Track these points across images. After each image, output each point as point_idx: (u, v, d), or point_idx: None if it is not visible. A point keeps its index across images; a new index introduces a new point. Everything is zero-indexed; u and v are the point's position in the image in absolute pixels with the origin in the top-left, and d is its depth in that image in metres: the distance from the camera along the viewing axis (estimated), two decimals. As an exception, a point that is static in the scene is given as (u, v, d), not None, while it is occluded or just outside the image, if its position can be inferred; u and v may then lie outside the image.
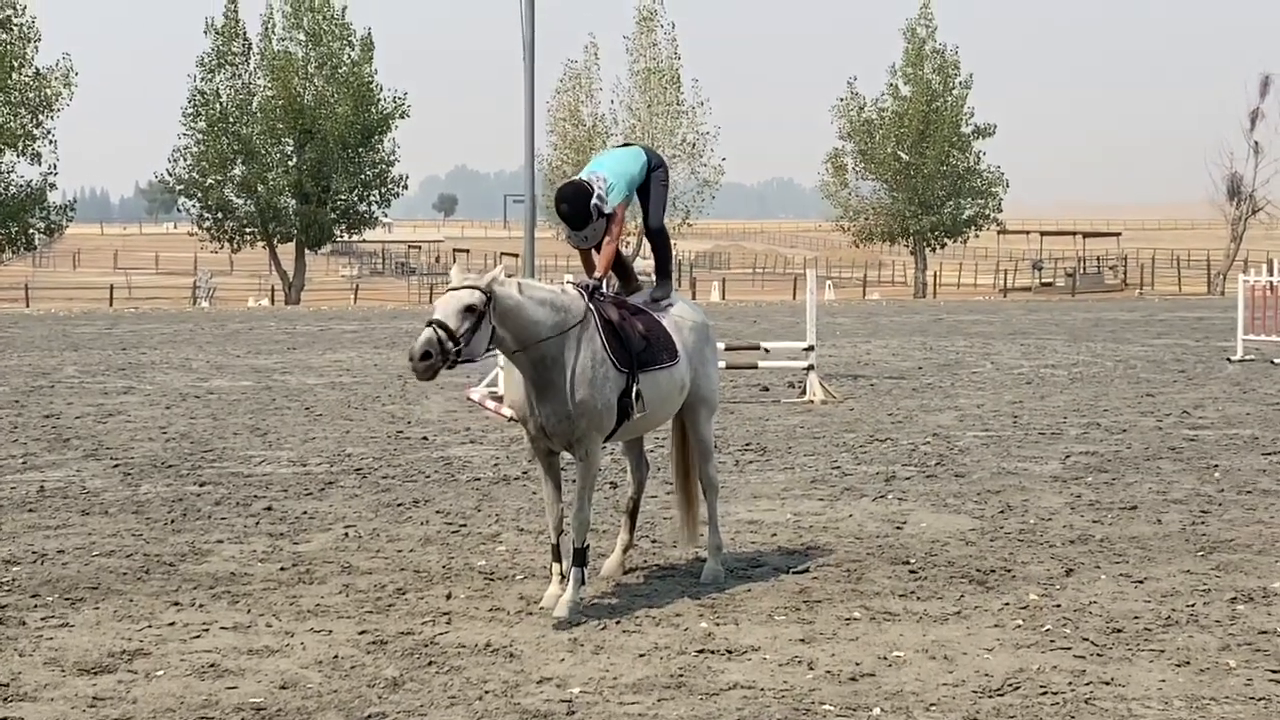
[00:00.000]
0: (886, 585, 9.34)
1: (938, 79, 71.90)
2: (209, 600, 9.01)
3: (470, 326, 8.17)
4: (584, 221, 9.18)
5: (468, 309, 8.17)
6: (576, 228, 9.22)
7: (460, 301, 8.19)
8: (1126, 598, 9.00)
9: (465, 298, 8.21)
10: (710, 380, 9.68)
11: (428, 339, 8.06)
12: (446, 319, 8.13)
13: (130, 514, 11.90)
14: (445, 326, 8.11)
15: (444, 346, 8.08)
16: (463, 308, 8.17)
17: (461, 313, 8.16)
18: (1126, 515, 11.69)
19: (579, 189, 9.21)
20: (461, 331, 8.14)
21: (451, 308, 8.17)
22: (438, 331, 8.09)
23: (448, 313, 8.16)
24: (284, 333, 36.34)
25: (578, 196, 9.18)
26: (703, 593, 9.16)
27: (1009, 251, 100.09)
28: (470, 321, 8.17)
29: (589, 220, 9.18)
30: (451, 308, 8.17)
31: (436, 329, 8.09)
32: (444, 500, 12.52)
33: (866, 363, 26.83)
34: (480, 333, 8.23)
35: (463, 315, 8.16)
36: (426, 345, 8.04)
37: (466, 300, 8.19)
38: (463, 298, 8.20)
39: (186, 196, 64.48)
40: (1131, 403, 19.79)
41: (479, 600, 8.99)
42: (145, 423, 17.89)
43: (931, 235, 72.90)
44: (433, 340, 8.06)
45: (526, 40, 22.98)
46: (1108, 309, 49.80)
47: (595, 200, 9.18)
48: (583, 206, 9.15)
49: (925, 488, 13.06)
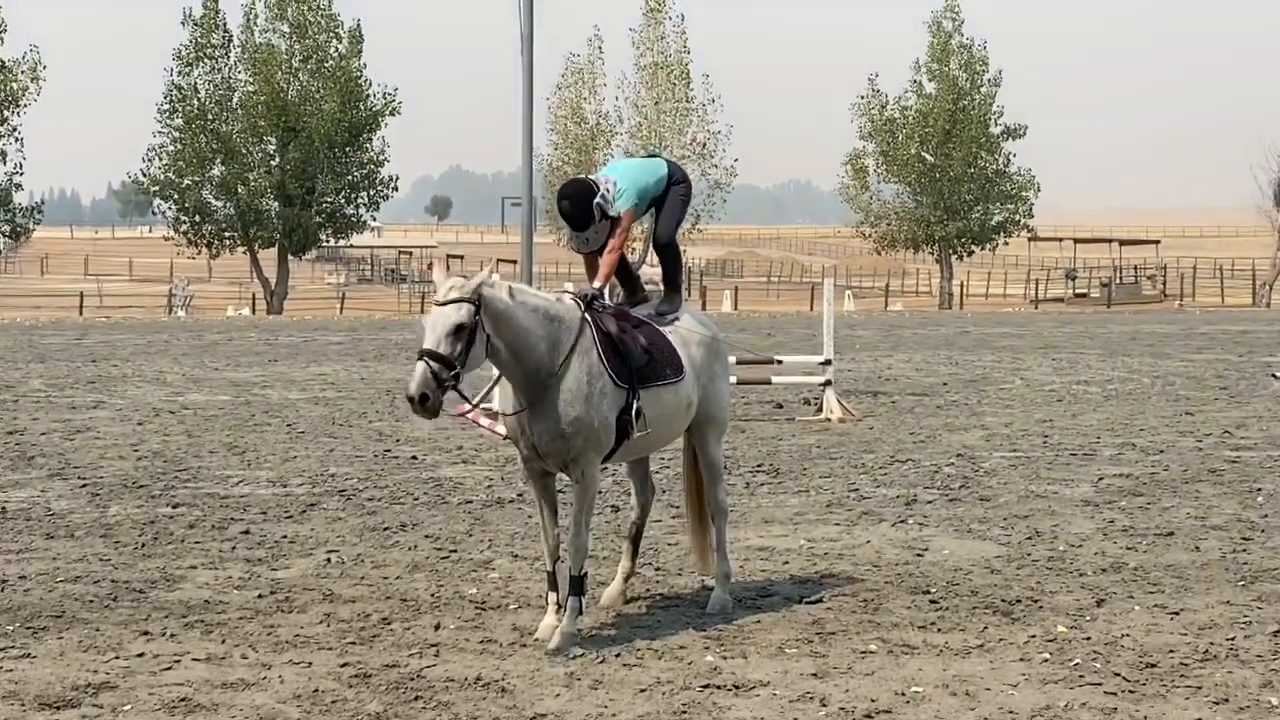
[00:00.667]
0: (905, 616, 9.34)
1: (965, 76, 71.91)
2: (181, 630, 9.01)
3: (464, 347, 8.15)
4: (586, 222, 9.20)
5: (458, 329, 8.14)
6: (578, 228, 9.24)
7: (449, 323, 8.15)
8: (1162, 630, 8.99)
9: (453, 317, 8.16)
10: (720, 398, 9.67)
11: (422, 379, 8.01)
12: (437, 346, 8.10)
13: (98, 537, 11.90)
14: (437, 355, 8.08)
15: (439, 379, 8.06)
16: (452, 329, 8.14)
17: (451, 334, 8.13)
18: (1162, 542, 11.69)
19: (583, 187, 9.26)
20: (455, 355, 8.12)
21: (440, 332, 8.13)
22: (430, 365, 8.06)
23: (437, 338, 8.12)
24: (265, 344, 36.37)
25: (580, 194, 9.21)
26: (709, 624, 9.16)
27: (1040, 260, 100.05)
28: (463, 341, 8.14)
29: (591, 221, 9.20)
30: (440, 332, 8.13)
31: (429, 362, 8.06)
32: (433, 524, 12.52)
33: (887, 378, 26.82)
34: (476, 347, 8.22)
35: (454, 337, 8.13)
36: (422, 386, 7.99)
37: (455, 320, 8.16)
38: (450, 318, 8.16)
39: (162, 198, 64.49)
40: (1170, 422, 19.78)
41: (469, 631, 8.99)
42: (115, 440, 17.91)
43: (958, 242, 72.90)
44: (427, 378, 8.02)
45: (525, 33, 23.04)
46: (1145, 321, 49.79)
47: (599, 200, 9.20)
48: (585, 205, 9.18)
49: (948, 512, 13.05)
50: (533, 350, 8.51)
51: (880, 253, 77.64)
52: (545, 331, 8.59)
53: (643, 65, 65.13)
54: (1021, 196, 73.29)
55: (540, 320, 8.59)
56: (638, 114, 65.15)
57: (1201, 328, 45.08)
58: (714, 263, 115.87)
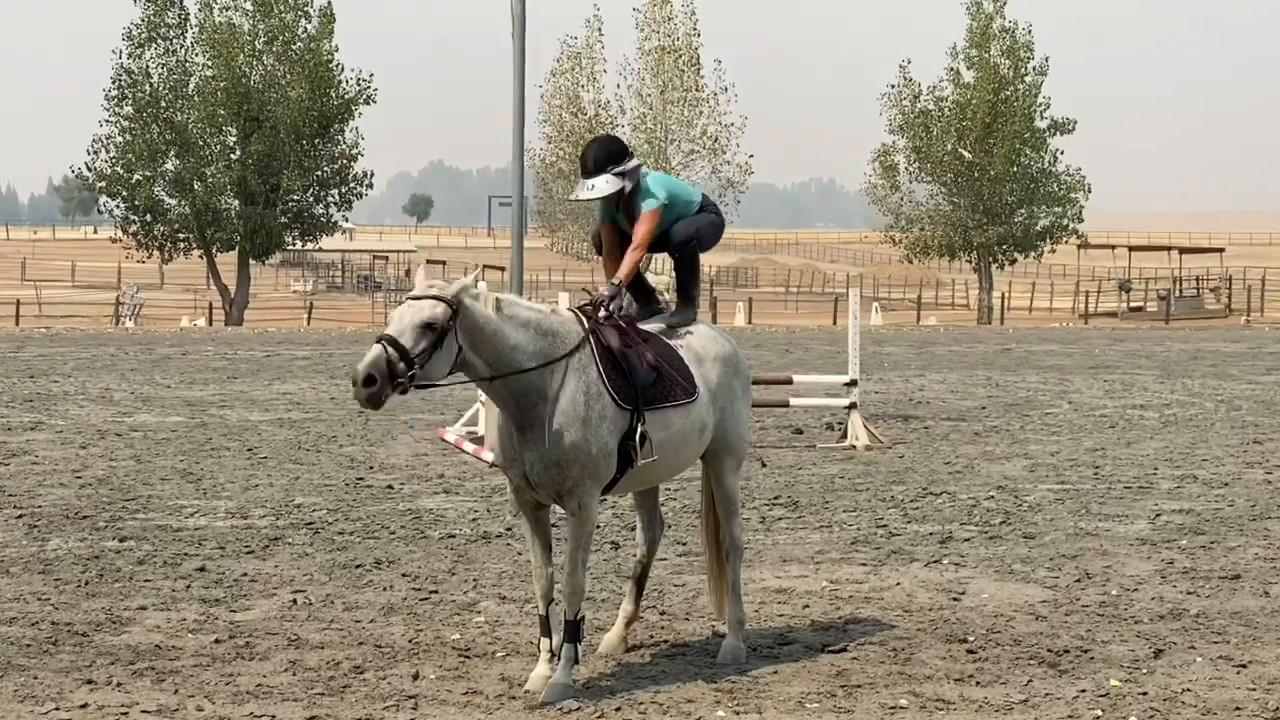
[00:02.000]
0: (940, 668, 9.34)
1: (1007, 63, 71.93)
2: (129, 678, 9.01)
3: (429, 345, 8.21)
4: (600, 168, 9.39)
5: (427, 325, 8.22)
6: (587, 172, 9.43)
7: (419, 315, 8.23)
8: (1226, 685, 8.99)
9: (425, 311, 8.24)
10: (738, 422, 9.66)
11: (374, 359, 8.09)
12: (400, 335, 8.18)
13: (36, 574, 11.90)
14: (397, 344, 8.15)
15: (393, 369, 8.11)
16: (421, 323, 8.21)
17: (419, 329, 8.21)
18: (1228, 586, 11.68)
19: (617, 140, 9.61)
20: (417, 351, 8.18)
21: (407, 322, 8.22)
22: (388, 350, 8.12)
23: (402, 328, 8.20)
24: (223, 359, 36.41)
25: (612, 143, 9.56)
26: (720, 675, 9.16)
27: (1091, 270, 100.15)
28: (429, 339, 8.21)
29: (604, 170, 9.38)
30: (407, 322, 8.22)
31: (386, 347, 8.13)
32: (412, 561, 12.52)
33: (920, 401, 26.84)
34: (441, 353, 8.26)
35: (420, 332, 8.21)
36: (371, 368, 8.07)
37: (426, 315, 8.23)
38: (422, 311, 8.24)
39: (109, 195, 64.57)
40: (1235, 451, 19.78)
41: (452, 681, 9.00)
42: (56, 465, 17.92)
43: (999, 249, 72.92)
44: (380, 362, 8.09)
45: (516, 13, 23.07)
46: (1208, 339, 49.81)
47: (625, 166, 9.37)
48: (610, 153, 9.43)
49: (988, 551, 13.05)
50: (520, 369, 8.52)
51: (912, 260, 77.69)
52: (537, 348, 8.60)
53: (647, 50, 65.28)
54: (1070, 199, 73.26)
55: (532, 335, 8.60)
56: (641, 104, 65.34)
57: (1271, 346, 45.10)
58: (726, 271, 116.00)
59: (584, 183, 9.46)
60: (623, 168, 9.41)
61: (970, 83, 72.07)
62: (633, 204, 9.54)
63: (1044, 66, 72.39)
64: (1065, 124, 72.86)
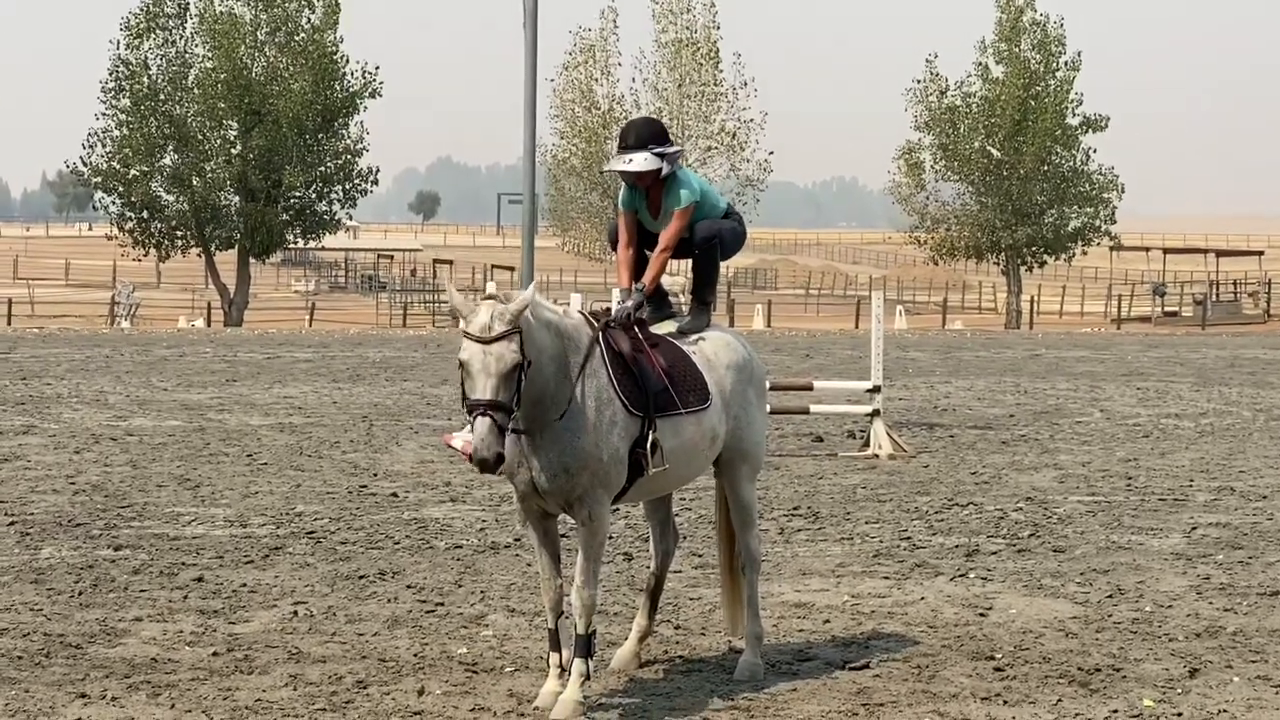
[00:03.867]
0: (966, 686, 9.34)
1: (1038, 57, 71.87)
2: (124, 692, 9.02)
3: (516, 385, 8.24)
4: (641, 144, 9.47)
5: (512, 371, 8.21)
6: (627, 147, 9.50)
7: (504, 368, 8.18)
8: (1265, 705, 8.98)
9: (508, 358, 8.20)
10: (753, 430, 9.68)
11: (490, 436, 8.08)
12: (497, 396, 8.15)
13: (28, 584, 11.92)
14: (501, 408, 8.15)
15: (503, 431, 8.14)
16: (507, 374, 8.19)
17: (508, 380, 8.20)
18: (1266, 603, 11.67)
19: (661, 123, 9.74)
20: (513, 399, 8.22)
21: (498, 380, 8.17)
22: (495, 419, 8.12)
23: (495, 388, 8.16)
24: (222, 361, 36.46)
25: (656, 123, 9.70)
26: (737, 692, 9.17)
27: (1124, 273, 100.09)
28: (515, 380, 8.23)
29: (646, 147, 9.44)
30: (498, 380, 8.17)
31: (491, 416, 8.11)
32: (417, 572, 12.53)
33: (945, 408, 26.82)
34: (523, 380, 8.31)
35: (510, 381, 8.21)
36: (494, 446, 8.08)
37: (510, 363, 8.20)
38: (505, 360, 8.20)
39: (105, 191, 64.63)
40: (1274, 463, 19.76)
41: (458, 697, 9.00)
42: (48, 470, 17.94)
43: (1028, 251, 72.86)
44: (495, 435, 8.10)
45: (528, 5, 23.09)
46: (1246, 345, 49.75)
47: (667, 150, 9.47)
48: (653, 133, 9.53)
49: (1016, 565, 13.04)
50: (541, 371, 8.52)
51: (937, 262, 77.73)
52: (556, 349, 8.62)
53: (664, 42, 65.33)
54: (1102, 199, 73.19)
55: (551, 336, 8.63)
56: (658, 98, 65.29)
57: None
58: (744, 272, 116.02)
59: (622, 156, 9.50)
60: (664, 149, 9.47)
61: (999, 78, 71.98)
62: (662, 196, 9.58)
63: (1076, 61, 72.27)
64: (1098, 121, 72.70)
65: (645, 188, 9.60)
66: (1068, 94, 71.97)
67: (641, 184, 9.58)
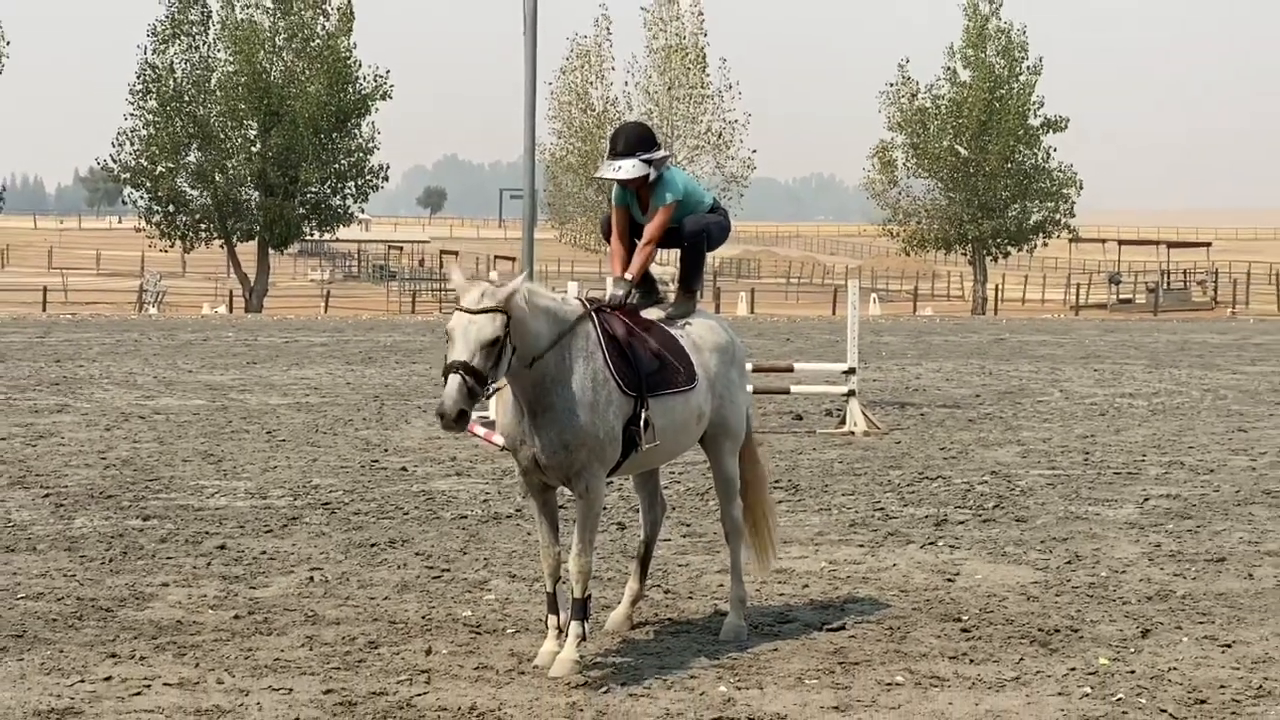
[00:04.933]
0: (935, 646, 9.34)
1: (1002, 63, 71.81)
2: (151, 652, 9.02)
3: (495, 358, 8.21)
4: (630, 151, 9.44)
5: (492, 343, 8.18)
6: (616, 154, 9.47)
7: (483, 335, 8.17)
8: (1212, 664, 8.99)
9: (489, 330, 8.19)
10: (735, 409, 9.71)
11: (458, 394, 8.04)
12: (472, 359, 8.13)
13: (62, 551, 11.92)
14: (471, 369, 8.12)
15: (473, 394, 8.11)
16: (487, 342, 8.17)
17: (486, 348, 8.17)
18: (1213, 569, 11.68)
19: (649, 129, 9.69)
20: (489, 369, 8.18)
21: (475, 343, 8.16)
22: (466, 380, 8.09)
23: (471, 350, 8.14)
24: (243, 345, 36.42)
25: (644, 130, 9.62)
26: (722, 652, 9.17)
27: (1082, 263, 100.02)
28: (495, 353, 8.20)
29: (634, 153, 9.43)
30: (475, 343, 8.16)
31: (464, 377, 8.09)
32: (425, 541, 12.53)
33: (916, 389, 26.83)
34: (503, 359, 8.27)
35: (488, 350, 8.17)
36: (459, 403, 8.03)
37: (490, 333, 8.18)
38: (485, 330, 8.18)
39: (133, 186, 64.55)
40: (1221, 439, 19.77)
41: (463, 657, 9.00)
42: (81, 446, 17.93)
43: (993, 242, 72.84)
44: (463, 394, 8.06)
45: (528, 13, 23.04)
46: (1195, 330, 49.76)
47: (654, 155, 9.45)
48: (641, 139, 9.50)
49: (981, 534, 13.05)
50: (540, 353, 8.53)
51: (909, 253, 77.53)
52: (553, 333, 8.62)
53: (655, 48, 65.28)
54: (1062, 194, 73.13)
55: (549, 321, 8.63)
56: (648, 100, 65.24)
57: (1256, 338, 45.04)
58: (729, 262, 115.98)
59: (611, 163, 9.50)
60: (651, 155, 9.47)
61: (966, 81, 71.92)
62: (651, 194, 9.59)
63: (1038, 66, 72.23)
64: (1058, 122, 72.64)
65: (635, 189, 9.63)
66: (1029, 97, 71.96)
67: (630, 187, 9.62)
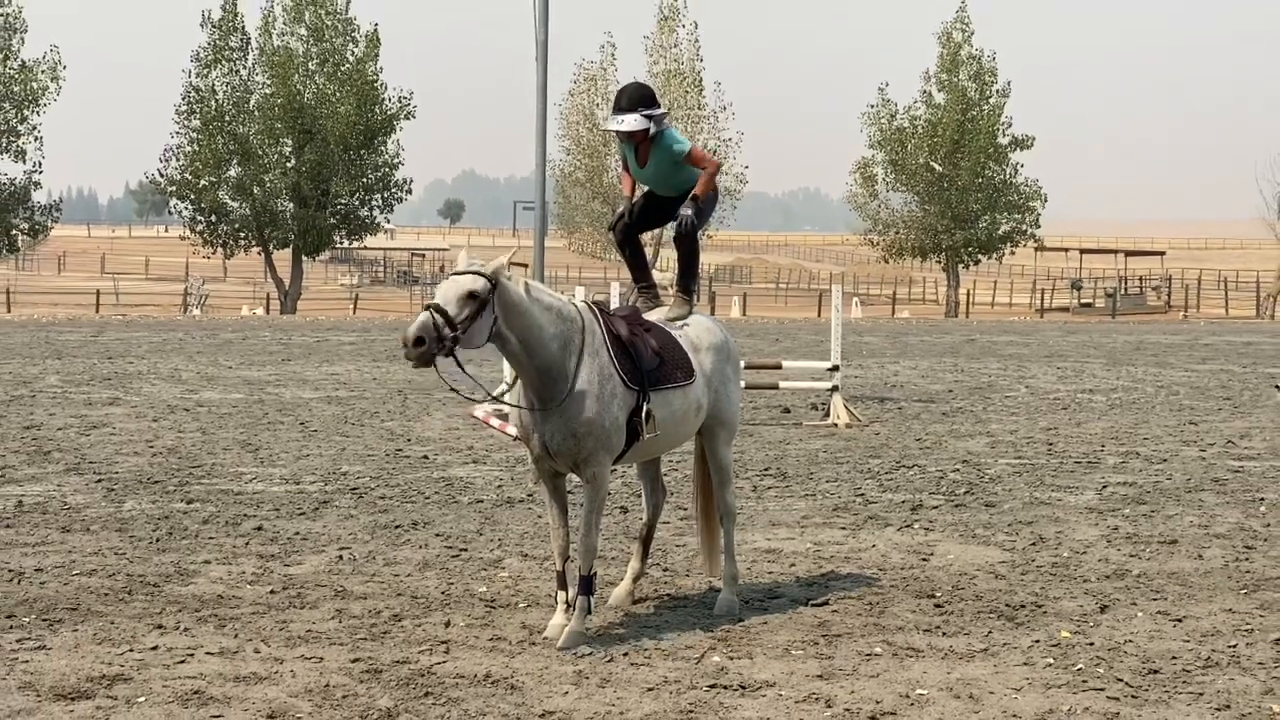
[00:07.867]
0: (910, 620, 9.34)
1: (974, 86, 71.80)
2: (194, 624, 9.02)
3: (470, 314, 8.23)
4: (633, 107, 9.56)
5: (469, 295, 8.23)
6: (620, 109, 9.58)
7: (462, 287, 8.24)
8: (1164, 637, 8.99)
9: (467, 284, 8.26)
10: (730, 402, 9.71)
11: (423, 323, 8.09)
12: (446, 304, 8.19)
13: (113, 532, 11.92)
14: (443, 312, 8.16)
15: (440, 332, 8.12)
16: (464, 294, 8.23)
17: (463, 299, 8.22)
18: (1166, 550, 11.68)
19: (650, 88, 9.82)
20: (461, 318, 8.19)
21: (452, 293, 8.23)
22: (435, 316, 8.14)
23: (448, 298, 8.22)
24: (279, 343, 36.41)
25: (646, 89, 9.75)
26: (716, 625, 9.17)
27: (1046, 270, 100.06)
28: (471, 308, 8.23)
29: (636, 109, 9.54)
30: (452, 293, 8.23)
31: (434, 314, 8.14)
32: (444, 523, 12.54)
33: (894, 385, 26.81)
34: (481, 321, 8.27)
35: (464, 301, 8.22)
36: (420, 330, 8.07)
37: (469, 286, 8.25)
38: (464, 283, 8.26)
39: (179, 198, 64.48)
40: (1173, 431, 19.77)
41: (479, 629, 9.01)
42: (131, 436, 17.93)
43: (965, 251, 72.79)
44: (428, 325, 8.10)
45: (540, 39, 23.06)
46: (1150, 331, 49.74)
47: (654, 111, 9.56)
48: (643, 97, 9.60)
49: (953, 518, 13.05)
50: (545, 348, 8.55)
51: (888, 260, 77.50)
52: (557, 330, 8.64)
53: (655, 72, 65.17)
54: (1028, 207, 73.09)
55: (553, 319, 8.64)
56: (650, 121, 65.17)
57: (1205, 339, 45.03)
58: (723, 269, 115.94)
59: (615, 117, 9.61)
60: (651, 112, 9.58)
61: (941, 104, 71.89)
62: (652, 147, 9.72)
63: (1006, 89, 72.24)
64: (1025, 140, 72.66)
65: (635, 143, 9.72)
66: (999, 118, 71.96)
67: (632, 140, 9.71)
